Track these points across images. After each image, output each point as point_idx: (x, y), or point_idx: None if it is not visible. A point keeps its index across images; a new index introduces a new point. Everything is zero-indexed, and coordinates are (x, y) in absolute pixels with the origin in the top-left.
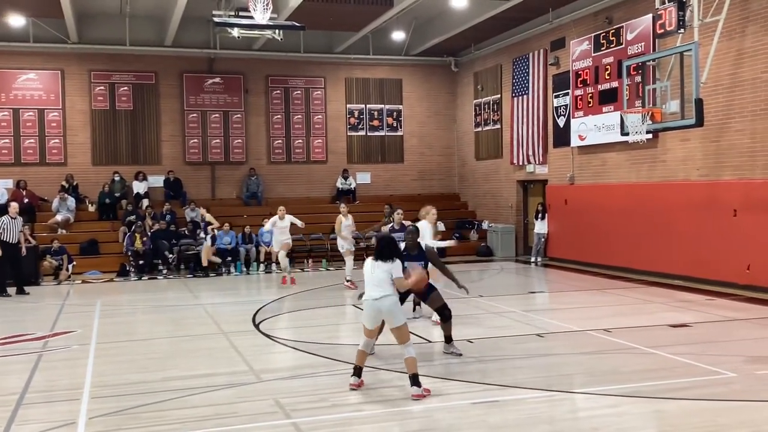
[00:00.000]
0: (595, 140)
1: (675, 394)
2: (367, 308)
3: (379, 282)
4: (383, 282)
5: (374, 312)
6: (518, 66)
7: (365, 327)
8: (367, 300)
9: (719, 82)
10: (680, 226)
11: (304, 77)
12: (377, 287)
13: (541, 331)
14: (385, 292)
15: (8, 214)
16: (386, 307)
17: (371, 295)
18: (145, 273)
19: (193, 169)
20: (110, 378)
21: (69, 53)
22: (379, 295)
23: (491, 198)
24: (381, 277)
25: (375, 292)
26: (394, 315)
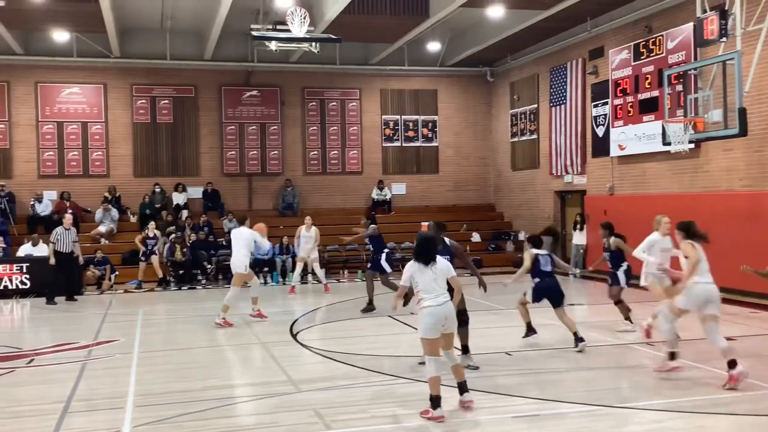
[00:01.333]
0: (635, 150)
1: (720, 409)
2: (431, 316)
3: (441, 286)
4: (443, 285)
5: (440, 319)
6: (556, 75)
7: (429, 341)
8: (430, 306)
9: (762, 91)
10: (723, 237)
11: (340, 89)
12: (440, 292)
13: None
14: (447, 296)
15: (62, 226)
16: (451, 312)
17: (436, 302)
18: (185, 283)
19: (230, 180)
20: (153, 387)
21: (111, 67)
22: (444, 300)
23: (527, 209)
24: (441, 280)
25: (439, 298)
26: (455, 318)
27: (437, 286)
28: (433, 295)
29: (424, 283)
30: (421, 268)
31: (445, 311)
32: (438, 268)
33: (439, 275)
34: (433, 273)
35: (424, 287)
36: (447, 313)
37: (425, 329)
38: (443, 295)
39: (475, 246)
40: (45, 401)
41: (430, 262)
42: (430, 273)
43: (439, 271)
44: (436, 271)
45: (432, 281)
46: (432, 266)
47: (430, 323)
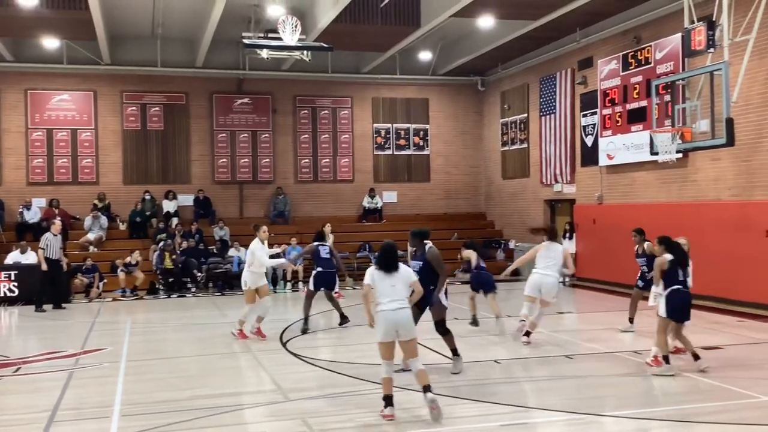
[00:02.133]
0: (623, 159)
1: (706, 418)
2: (385, 321)
3: (398, 292)
4: (402, 292)
5: (393, 324)
6: (545, 85)
7: (383, 345)
8: (383, 311)
9: (750, 101)
10: (711, 247)
11: (332, 97)
12: (395, 298)
13: (569, 353)
14: (404, 303)
15: (51, 232)
16: (405, 319)
17: (390, 307)
18: (174, 291)
19: (221, 188)
20: (140, 396)
21: (102, 74)
22: (398, 306)
23: (518, 217)
24: (401, 287)
25: (394, 304)
26: (412, 326)
27: (394, 292)
28: (388, 300)
29: (383, 288)
30: (381, 275)
31: (397, 317)
32: (399, 276)
33: (398, 282)
34: (392, 280)
35: (381, 292)
36: (400, 319)
37: (380, 333)
38: (399, 302)
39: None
40: (32, 410)
41: (391, 270)
42: (389, 280)
43: (399, 278)
44: (395, 279)
45: (390, 287)
46: (393, 273)
47: (384, 327)
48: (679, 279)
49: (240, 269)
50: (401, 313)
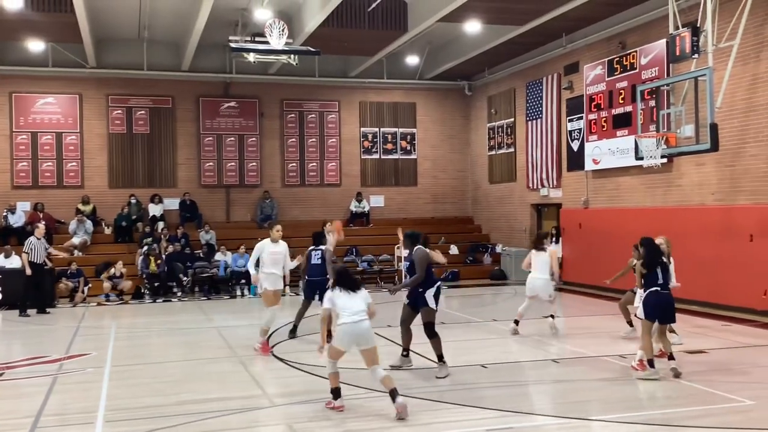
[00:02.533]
0: (609, 164)
1: (691, 422)
2: (346, 333)
3: (358, 307)
4: (361, 307)
5: (355, 336)
6: (532, 90)
7: (336, 350)
8: (345, 324)
9: (734, 106)
10: (696, 251)
11: (319, 101)
12: (356, 311)
13: (556, 357)
14: (364, 316)
15: (34, 236)
16: (366, 330)
17: (351, 320)
18: (160, 295)
19: (208, 192)
20: (124, 401)
21: (87, 78)
22: (359, 318)
23: (505, 221)
24: (359, 303)
25: (355, 317)
26: (371, 337)
27: (355, 307)
28: (349, 313)
29: (342, 303)
30: (344, 295)
31: (359, 329)
32: (359, 296)
33: (358, 300)
34: (351, 297)
35: (342, 306)
36: (361, 331)
37: (338, 341)
38: (359, 315)
39: (453, 258)
40: (15, 416)
41: (350, 290)
42: (349, 297)
43: (360, 297)
44: (356, 298)
45: (350, 303)
46: (355, 293)
47: (345, 339)
48: (658, 281)
49: (227, 274)
50: (362, 324)
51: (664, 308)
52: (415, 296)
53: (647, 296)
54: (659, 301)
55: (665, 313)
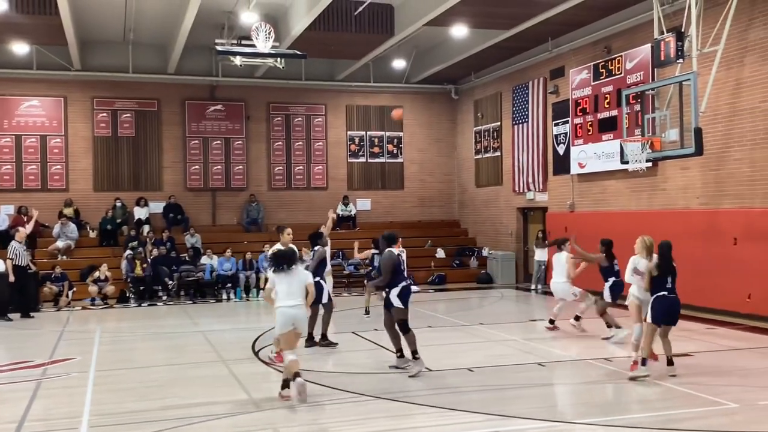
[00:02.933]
0: (594, 168)
1: (676, 425)
2: (282, 315)
3: (294, 293)
4: (298, 293)
5: (290, 318)
6: (518, 94)
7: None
8: (281, 308)
9: (718, 111)
10: (681, 255)
11: (305, 104)
12: (292, 297)
13: (542, 360)
14: (299, 302)
15: (16, 240)
16: (300, 314)
17: (287, 304)
18: (145, 299)
19: (194, 195)
20: (109, 406)
21: (72, 80)
22: (294, 303)
23: (491, 225)
24: (296, 287)
25: (290, 302)
26: (305, 323)
27: (291, 293)
28: (286, 298)
29: (281, 288)
30: (279, 275)
31: (293, 313)
32: (295, 277)
33: (295, 283)
34: (289, 280)
35: (279, 291)
36: (295, 315)
37: (278, 327)
38: (295, 301)
39: (439, 262)
40: None
41: (282, 269)
42: (287, 280)
43: (296, 279)
44: (292, 279)
45: (287, 287)
46: (288, 274)
47: (281, 321)
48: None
49: (213, 277)
50: (297, 309)
51: (671, 312)
52: (387, 298)
53: (655, 300)
54: (666, 306)
55: (671, 317)
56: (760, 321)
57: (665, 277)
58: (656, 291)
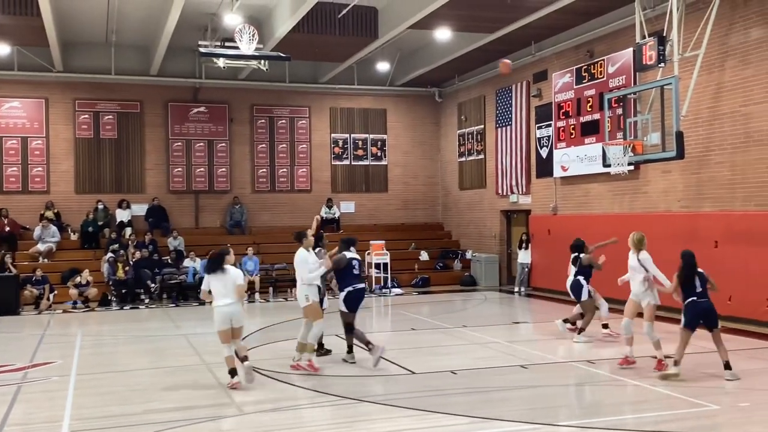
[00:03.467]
0: (577, 171)
1: (658, 426)
2: (218, 314)
3: (228, 292)
4: (231, 292)
5: (227, 316)
6: (501, 97)
7: (220, 333)
8: (218, 307)
9: (699, 115)
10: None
11: (289, 107)
12: (226, 296)
13: (525, 363)
14: (233, 299)
15: None
16: (235, 311)
17: (223, 302)
18: (127, 302)
19: (176, 197)
20: (90, 411)
21: (53, 82)
22: (228, 302)
23: (475, 228)
24: (230, 287)
25: (225, 300)
26: (240, 316)
27: (225, 292)
28: (221, 297)
29: (215, 288)
30: (212, 277)
31: (229, 311)
32: (228, 277)
33: (228, 282)
34: (223, 281)
35: (215, 292)
36: (231, 312)
37: (216, 324)
38: (229, 299)
39: (423, 264)
40: None
41: (215, 271)
42: (220, 281)
43: (229, 279)
44: (225, 279)
45: (222, 287)
46: (221, 274)
47: (218, 319)
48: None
49: (195, 280)
50: (231, 307)
51: (706, 315)
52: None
53: (686, 306)
54: (698, 310)
55: (708, 320)
56: (741, 323)
57: (693, 282)
58: (687, 297)
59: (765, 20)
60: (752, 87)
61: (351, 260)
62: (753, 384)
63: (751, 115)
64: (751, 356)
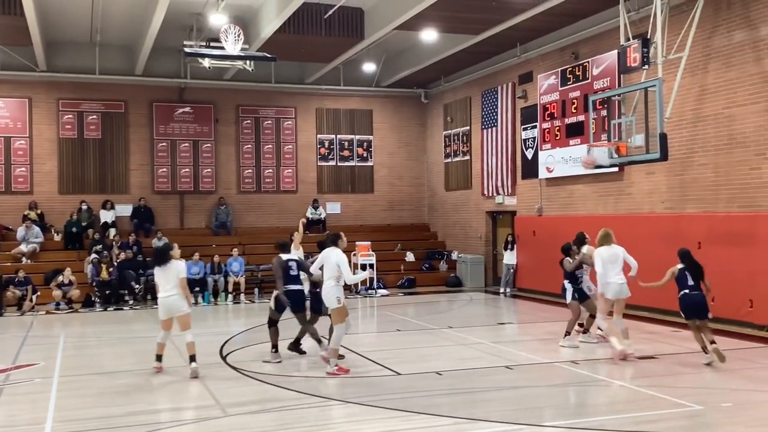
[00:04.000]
0: (562, 172)
1: (641, 427)
2: (160, 305)
3: (170, 284)
4: (172, 283)
5: (167, 307)
6: (487, 98)
7: (162, 322)
8: (160, 298)
9: (683, 117)
10: (646, 258)
11: (275, 107)
12: (167, 288)
13: (510, 363)
14: (174, 292)
15: None
16: (174, 303)
17: (163, 295)
18: (111, 304)
19: (161, 198)
20: (73, 413)
21: (37, 81)
22: (168, 294)
23: (460, 228)
24: (172, 279)
25: (165, 293)
26: (180, 305)
27: (166, 284)
28: (163, 290)
29: (159, 281)
30: (158, 270)
31: (169, 302)
32: (170, 271)
33: (170, 276)
34: (166, 274)
35: (159, 284)
36: (171, 303)
37: (159, 314)
38: (169, 291)
39: (409, 265)
40: None
41: (160, 264)
42: (163, 274)
43: (171, 272)
44: (168, 273)
45: (164, 280)
46: (165, 268)
47: (161, 310)
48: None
49: None
50: (171, 299)
51: (696, 307)
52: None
53: (680, 298)
54: (687, 302)
55: (698, 311)
56: (724, 324)
57: (685, 275)
58: (680, 290)
59: (748, 23)
60: (735, 89)
61: (287, 262)
62: (736, 384)
63: (734, 117)
64: (734, 357)
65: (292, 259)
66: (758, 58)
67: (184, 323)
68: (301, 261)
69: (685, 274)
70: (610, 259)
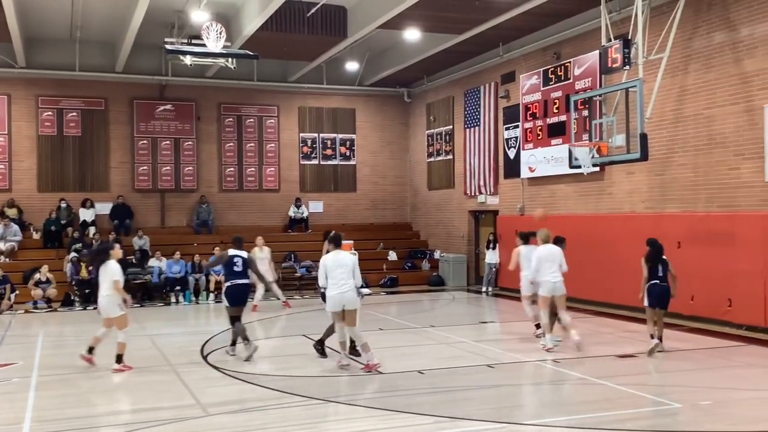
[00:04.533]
0: (544, 172)
1: (622, 425)
2: (99, 304)
3: (104, 284)
4: (105, 285)
5: (101, 308)
6: (470, 98)
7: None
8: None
9: (663, 117)
10: (627, 257)
11: (258, 105)
12: (103, 289)
13: (491, 362)
14: (108, 292)
15: None
16: (105, 303)
17: (100, 296)
18: (91, 302)
19: (142, 196)
20: (52, 413)
21: (16, 78)
22: (104, 295)
23: (443, 228)
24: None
25: (100, 294)
26: (110, 308)
27: (103, 283)
28: (101, 290)
29: (100, 282)
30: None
31: (102, 302)
32: (105, 271)
33: (105, 276)
34: (102, 274)
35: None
36: (102, 305)
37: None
38: (104, 291)
39: (391, 264)
40: None
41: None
42: (101, 274)
43: (106, 273)
44: (104, 273)
45: (101, 280)
46: (102, 268)
47: (100, 310)
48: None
49: (161, 280)
50: (105, 299)
51: (660, 296)
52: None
53: (649, 287)
54: (657, 291)
55: (661, 300)
56: (703, 323)
57: (656, 266)
58: (650, 279)
59: (727, 25)
60: (715, 90)
61: (233, 257)
62: (714, 383)
63: (713, 118)
64: (712, 355)
65: (239, 255)
66: (737, 59)
67: (119, 324)
68: (249, 259)
69: (657, 266)
70: (547, 258)
